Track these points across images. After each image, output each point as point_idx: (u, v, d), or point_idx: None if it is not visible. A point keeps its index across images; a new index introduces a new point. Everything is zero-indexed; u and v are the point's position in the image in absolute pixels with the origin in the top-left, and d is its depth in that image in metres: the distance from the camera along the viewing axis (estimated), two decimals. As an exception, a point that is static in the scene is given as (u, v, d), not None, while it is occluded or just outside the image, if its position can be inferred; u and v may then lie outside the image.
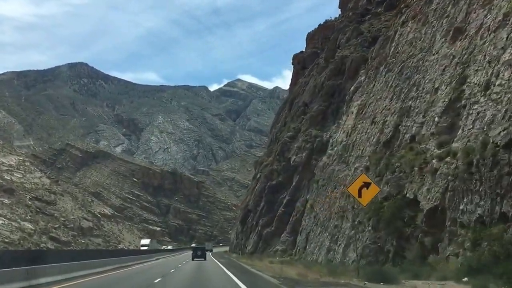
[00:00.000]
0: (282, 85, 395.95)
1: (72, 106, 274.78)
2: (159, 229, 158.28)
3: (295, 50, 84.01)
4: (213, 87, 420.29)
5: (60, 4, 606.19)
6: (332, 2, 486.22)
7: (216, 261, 48.58)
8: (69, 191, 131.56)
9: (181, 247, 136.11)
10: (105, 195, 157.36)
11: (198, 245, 68.94)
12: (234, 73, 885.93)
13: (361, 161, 33.60)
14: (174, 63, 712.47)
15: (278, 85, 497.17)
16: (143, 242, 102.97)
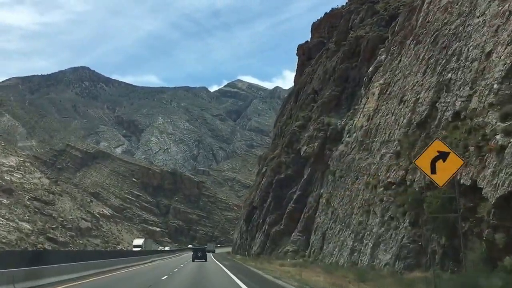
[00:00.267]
0: (282, 85, 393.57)
1: (74, 109, 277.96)
2: (158, 229, 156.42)
3: (295, 50, 79.67)
4: (213, 88, 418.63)
5: (63, 12, 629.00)
6: (333, 2, 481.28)
7: (219, 264, 43.79)
8: (68, 191, 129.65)
9: (181, 247, 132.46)
10: (104, 195, 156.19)
11: (197, 246, 64.81)
12: (234, 74, 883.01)
13: (389, 146, 28.93)
14: (174, 65, 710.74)
15: (279, 85, 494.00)
16: (136, 242, 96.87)
